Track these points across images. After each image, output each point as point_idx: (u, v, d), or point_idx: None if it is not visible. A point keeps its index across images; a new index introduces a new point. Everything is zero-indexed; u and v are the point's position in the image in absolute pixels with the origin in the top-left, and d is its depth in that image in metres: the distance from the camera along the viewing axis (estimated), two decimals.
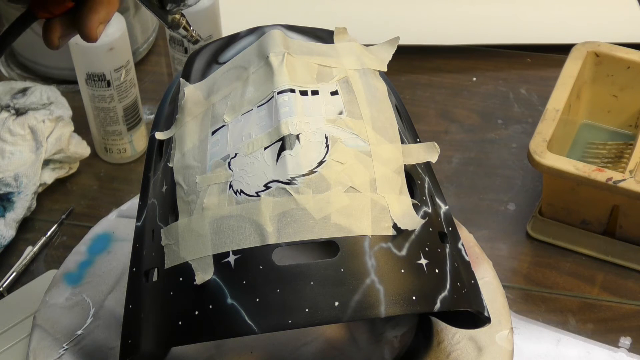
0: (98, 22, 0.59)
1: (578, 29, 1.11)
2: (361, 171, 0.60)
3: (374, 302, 0.57)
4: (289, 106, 0.61)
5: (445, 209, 0.67)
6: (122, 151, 0.97)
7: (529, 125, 1.02)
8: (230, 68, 0.66)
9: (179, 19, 0.63)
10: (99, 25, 0.59)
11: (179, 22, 0.63)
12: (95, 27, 0.59)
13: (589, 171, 0.83)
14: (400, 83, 1.07)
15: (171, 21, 0.62)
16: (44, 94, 0.93)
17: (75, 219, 0.94)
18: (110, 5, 0.60)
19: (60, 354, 0.72)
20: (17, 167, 0.89)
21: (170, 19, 0.62)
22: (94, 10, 0.59)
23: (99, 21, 0.59)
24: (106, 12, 0.59)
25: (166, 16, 0.62)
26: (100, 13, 0.59)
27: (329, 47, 0.67)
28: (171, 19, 0.62)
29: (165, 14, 0.62)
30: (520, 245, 0.91)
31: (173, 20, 0.63)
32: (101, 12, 0.59)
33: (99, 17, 0.59)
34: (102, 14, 0.59)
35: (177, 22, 0.63)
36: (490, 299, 0.73)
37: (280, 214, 0.58)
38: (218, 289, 0.57)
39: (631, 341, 0.83)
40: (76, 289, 0.77)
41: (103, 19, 0.59)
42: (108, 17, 0.60)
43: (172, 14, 0.62)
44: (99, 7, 0.59)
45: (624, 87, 0.96)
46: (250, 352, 0.74)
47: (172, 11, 0.62)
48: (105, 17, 0.59)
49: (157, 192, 0.65)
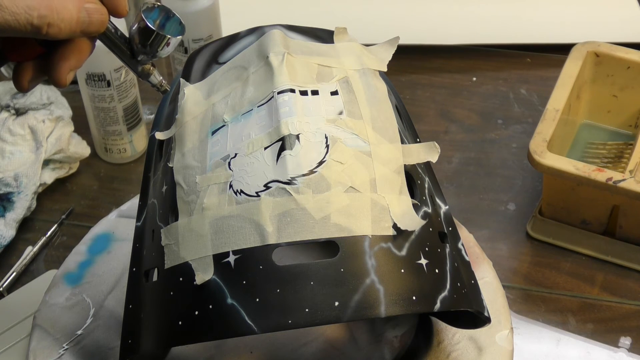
0: (68, 69, 0.60)
1: (578, 29, 1.11)
2: (361, 171, 0.60)
3: (374, 302, 0.57)
4: (289, 106, 0.61)
5: (445, 209, 0.67)
6: (122, 151, 0.97)
7: (529, 125, 1.02)
8: (230, 68, 0.66)
9: (149, 69, 0.63)
10: (68, 72, 0.60)
11: (149, 71, 0.63)
12: (65, 74, 0.60)
13: (589, 171, 0.83)
14: (400, 83, 1.07)
15: (141, 71, 0.63)
16: (44, 94, 0.93)
17: (75, 219, 0.94)
18: (81, 54, 0.60)
19: (60, 354, 0.72)
20: (17, 167, 0.89)
21: (140, 68, 0.63)
22: (65, 57, 0.59)
23: (69, 68, 0.60)
24: (77, 60, 0.60)
25: (137, 66, 0.63)
26: (71, 60, 0.60)
27: (329, 47, 0.67)
28: (141, 68, 0.63)
29: (135, 64, 0.63)
30: (520, 245, 0.91)
31: (143, 70, 0.63)
32: (72, 60, 0.60)
33: (70, 64, 0.60)
34: (73, 62, 0.60)
35: (147, 72, 0.63)
36: (490, 299, 0.73)
37: (280, 214, 0.58)
38: (218, 289, 0.57)
39: (631, 341, 0.83)
40: (76, 289, 0.77)
41: (73, 66, 0.60)
42: (79, 64, 0.60)
43: (143, 64, 0.63)
44: (70, 54, 0.59)
45: (624, 87, 0.96)
46: (250, 352, 0.74)
47: (143, 61, 0.62)
48: (76, 64, 0.60)
49: (157, 192, 0.65)
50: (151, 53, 0.61)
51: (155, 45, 0.61)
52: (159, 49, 0.61)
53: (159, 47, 0.61)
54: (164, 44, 0.61)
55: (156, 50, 0.61)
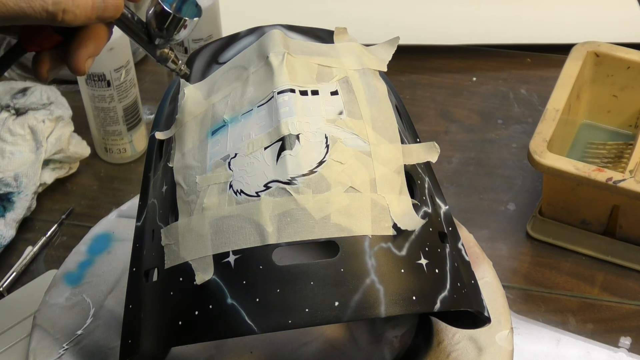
0: (86, 57, 0.59)
1: (578, 29, 1.11)
2: (361, 171, 0.60)
3: (374, 302, 0.57)
4: (289, 106, 0.61)
5: (445, 209, 0.67)
6: (122, 151, 0.97)
7: (529, 125, 1.02)
8: (230, 68, 0.66)
9: (167, 53, 0.63)
10: (87, 59, 0.60)
11: (167, 55, 0.63)
12: (84, 61, 0.59)
13: (589, 171, 0.83)
14: (400, 83, 1.07)
15: (159, 55, 0.63)
16: (44, 94, 0.93)
17: (75, 219, 0.94)
18: (98, 40, 0.60)
19: (60, 354, 0.72)
20: (17, 167, 0.89)
21: (158, 53, 0.63)
22: (83, 45, 0.59)
23: (87, 55, 0.59)
24: (94, 47, 0.60)
25: (155, 50, 0.62)
26: (89, 47, 0.59)
27: (329, 47, 0.67)
28: (159, 52, 0.63)
29: (153, 48, 0.62)
30: (520, 245, 0.91)
31: (162, 54, 0.63)
32: (89, 47, 0.59)
33: (87, 51, 0.59)
34: (91, 49, 0.59)
35: (166, 56, 0.63)
36: (490, 299, 0.73)
37: (280, 214, 0.58)
38: (218, 289, 0.57)
39: (631, 341, 0.83)
40: (76, 289, 0.77)
41: (91, 53, 0.60)
42: (97, 51, 0.60)
43: (161, 48, 0.62)
44: (87, 41, 0.59)
45: (624, 87, 0.96)
46: (250, 352, 0.74)
47: (161, 45, 0.62)
48: (94, 51, 0.60)
49: (157, 192, 0.65)
50: (168, 36, 0.61)
51: (172, 28, 0.60)
52: (175, 32, 0.61)
53: (176, 30, 0.61)
54: (180, 27, 0.60)
55: (173, 33, 0.61)
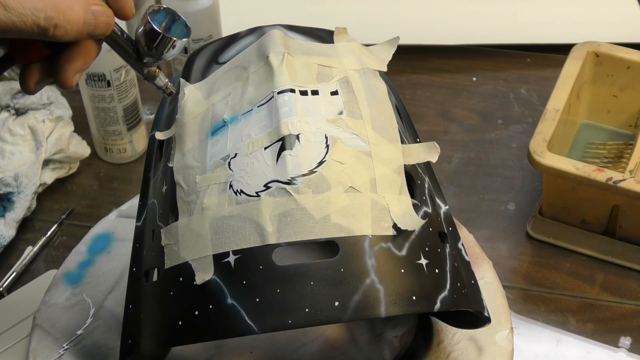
0: (74, 72, 0.59)
1: (578, 29, 1.11)
2: (361, 171, 0.60)
3: (374, 302, 0.57)
4: (289, 106, 0.61)
5: (445, 209, 0.67)
6: (122, 151, 0.97)
7: (529, 125, 1.02)
8: (230, 68, 0.66)
9: (155, 71, 0.63)
10: (75, 74, 0.59)
11: (155, 73, 0.63)
12: (72, 76, 0.59)
13: (589, 171, 0.83)
14: (400, 83, 1.07)
15: (147, 73, 0.63)
16: (44, 94, 0.93)
17: (75, 219, 0.94)
18: (87, 56, 0.60)
19: (60, 354, 0.72)
20: (17, 167, 0.89)
21: (146, 70, 0.63)
22: (72, 59, 0.59)
23: (76, 70, 0.59)
24: (83, 62, 0.60)
25: (142, 68, 0.63)
26: (77, 63, 0.59)
27: (329, 47, 0.67)
28: (147, 70, 0.63)
29: (141, 66, 0.62)
30: (520, 245, 0.91)
31: (149, 72, 0.63)
32: (78, 62, 0.59)
33: (76, 66, 0.59)
34: (79, 64, 0.59)
35: (153, 74, 0.63)
36: (490, 299, 0.73)
37: (280, 214, 0.58)
38: (218, 289, 0.57)
39: (631, 341, 0.83)
40: (76, 289, 0.77)
41: (80, 68, 0.60)
42: (85, 66, 0.60)
43: (149, 67, 0.63)
44: (76, 57, 0.59)
45: (624, 87, 0.96)
46: (250, 352, 0.74)
47: (149, 63, 0.62)
48: (82, 66, 0.60)
49: (157, 192, 0.65)
50: (157, 55, 0.61)
51: (161, 47, 0.61)
52: (164, 51, 0.61)
53: (165, 50, 0.61)
54: (169, 47, 0.61)
55: (162, 52, 0.61)
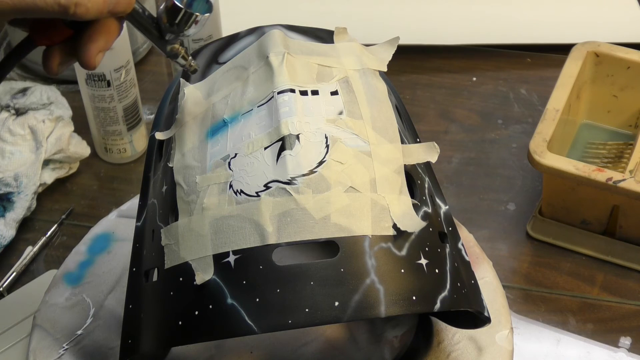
0: (97, 51, 0.59)
1: (578, 29, 1.11)
2: (361, 171, 0.60)
3: (374, 302, 0.57)
4: (289, 106, 0.61)
5: (445, 209, 0.67)
6: (122, 151, 0.97)
7: (529, 125, 1.02)
8: (230, 68, 0.66)
9: (177, 49, 0.63)
10: (97, 53, 0.59)
11: (177, 51, 0.63)
12: (94, 55, 0.59)
13: (589, 171, 0.83)
14: (400, 83, 1.07)
15: (170, 50, 0.62)
16: (44, 94, 0.93)
17: (75, 219, 0.94)
18: (109, 34, 0.59)
19: (60, 354, 0.72)
20: (17, 167, 0.89)
21: (169, 48, 0.62)
22: (93, 39, 0.59)
23: (98, 50, 0.59)
24: (105, 41, 0.59)
25: (165, 46, 0.62)
26: (99, 42, 0.59)
27: (329, 47, 0.67)
28: (170, 48, 0.62)
29: (164, 44, 0.62)
30: (520, 245, 0.91)
31: (172, 50, 0.63)
32: (100, 41, 0.59)
33: (98, 45, 0.59)
34: (101, 43, 0.59)
35: (176, 52, 0.63)
36: (490, 299, 0.73)
37: (280, 214, 0.58)
38: (218, 289, 0.57)
39: (631, 341, 0.83)
40: (76, 289, 0.77)
41: (102, 47, 0.59)
42: (107, 45, 0.60)
43: (171, 44, 0.62)
44: (98, 36, 0.59)
45: (624, 87, 0.96)
46: (250, 352, 0.74)
47: (171, 41, 0.62)
48: (105, 45, 0.59)
49: (157, 192, 0.65)
50: (179, 32, 0.61)
51: (183, 23, 0.60)
52: (186, 27, 0.60)
53: (187, 26, 0.60)
54: (191, 22, 0.60)
55: (184, 28, 0.60)
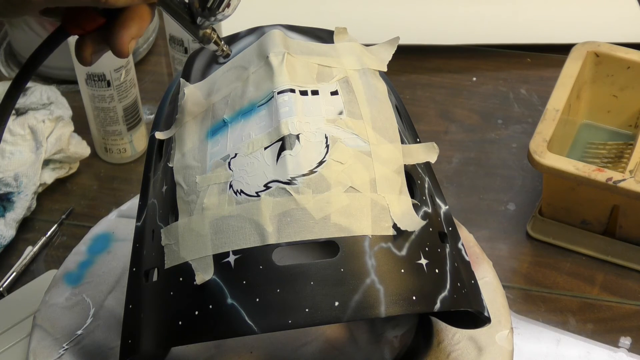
0: (130, 38, 0.58)
1: (578, 29, 1.11)
2: (361, 171, 0.60)
3: (374, 302, 0.57)
4: (289, 106, 0.61)
5: (445, 209, 0.67)
6: (122, 151, 0.97)
7: (529, 125, 1.02)
8: (230, 68, 0.66)
9: (210, 34, 0.62)
10: (130, 40, 0.59)
11: (210, 36, 0.62)
12: (127, 42, 0.58)
13: (589, 171, 0.83)
14: (400, 83, 1.07)
15: (202, 36, 0.62)
16: (44, 94, 0.93)
17: (75, 219, 0.94)
18: (142, 21, 0.59)
19: (60, 354, 0.72)
20: (17, 167, 0.89)
21: (201, 33, 0.62)
22: (126, 26, 0.58)
23: (131, 37, 0.58)
24: (138, 28, 0.59)
25: (197, 31, 0.62)
26: (132, 29, 0.58)
27: (329, 47, 0.67)
28: (202, 33, 0.62)
29: (196, 29, 0.62)
30: (520, 245, 0.91)
31: (204, 35, 0.62)
32: (133, 28, 0.58)
33: (131, 32, 0.58)
34: (134, 30, 0.58)
35: (209, 37, 0.62)
36: (490, 299, 0.73)
37: (280, 214, 0.58)
38: (218, 289, 0.57)
39: (631, 341, 0.83)
40: (76, 289, 0.77)
41: (135, 34, 0.59)
42: (140, 32, 0.59)
43: (203, 29, 0.62)
44: (130, 22, 0.58)
45: (624, 87, 0.96)
46: (250, 352, 0.74)
47: (203, 26, 0.62)
48: (138, 32, 0.59)
49: (157, 192, 0.65)
50: (211, 16, 0.60)
51: (215, 7, 0.60)
52: (218, 11, 0.60)
53: (219, 9, 0.60)
54: (224, 5, 0.60)
55: (216, 12, 0.60)
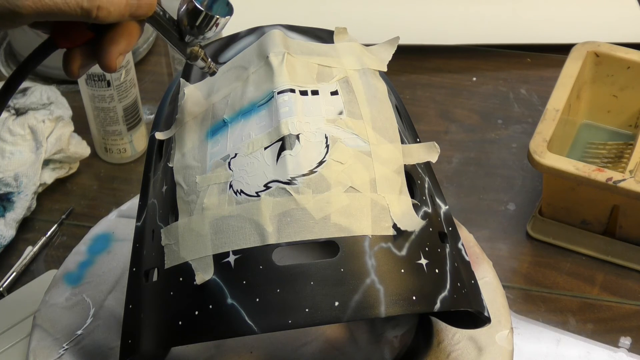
0: (118, 54, 0.59)
1: (578, 29, 1.11)
2: (361, 171, 0.60)
3: (374, 302, 0.57)
4: (289, 106, 0.61)
5: (445, 209, 0.67)
6: (122, 151, 0.97)
7: (529, 125, 1.02)
8: (230, 68, 0.66)
9: (197, 51, 0.63)
10: (118, 56, 0.59)
11: (197, 53, 0.63)
12: (115, 58, 0.59)
13: (589, 171, 0.83)
14: (400, 83, 1.07)
15: (189, 53, 0.62)
16: (44, 94, 0.93)
17: (75, 219, 0.94)
18: (130, 37, 0.59)
19: (60, 354, 0.72)
20: (17, 167, 0.89)
21: (189, 51, 0.62)
22: (115, 41, 0.58)
23: (119, 52, 0.59)
24: (126, 44, 0.59)
25: (185, 48, 0.62)
26: (121, 44, 0.59)
27: (329, 47, 0.67)
28: (189, 50, 0.62)
29: (184, 46, 0.62)
30: (520, 245, 0.91)
31: (192, 53, 0.62)
32: (121, 44, 0.59)
33: (119, 48, 0.59)
34: (122, 46, 0.59)
35: (196, 54, 0.63)
36: (490, 299, 0.73)
37: (280, 214, 0.58)
38: (218, 289, 0.57)
39: (631, 341, 0.83)
40: (76, 289, 0.77)
41: (123, 50, 0.59)
42: (128, 48, 0.59)
43: (191, 46, 0.62)
44: (119, 38, 0.59)
45: (624, 87, 0.96)
46: (250, 352, 0.74)
47: (191, 43, 0.62)
48: (126, 48, 0.59)
49: (157, 192, 0.65)
50: (199, 34, 0.61)
51: (204, 26, 0.60)
52: (207, 30, 0.60)
53: (207, 28, 0.60)
54: (212, 25, 0.60)
55: (204, 31, 0.60)
